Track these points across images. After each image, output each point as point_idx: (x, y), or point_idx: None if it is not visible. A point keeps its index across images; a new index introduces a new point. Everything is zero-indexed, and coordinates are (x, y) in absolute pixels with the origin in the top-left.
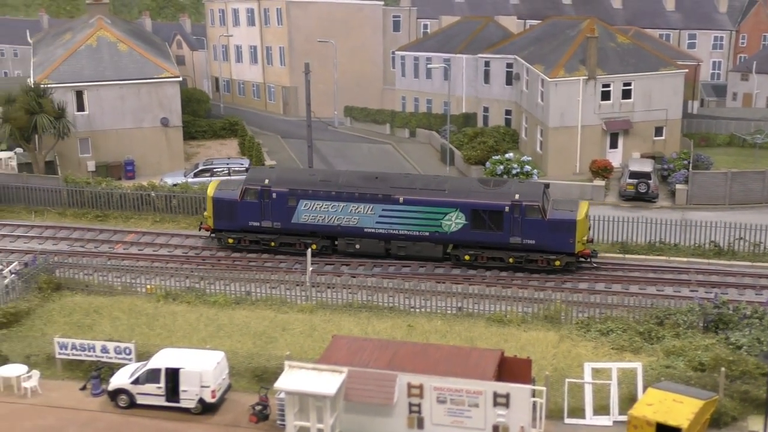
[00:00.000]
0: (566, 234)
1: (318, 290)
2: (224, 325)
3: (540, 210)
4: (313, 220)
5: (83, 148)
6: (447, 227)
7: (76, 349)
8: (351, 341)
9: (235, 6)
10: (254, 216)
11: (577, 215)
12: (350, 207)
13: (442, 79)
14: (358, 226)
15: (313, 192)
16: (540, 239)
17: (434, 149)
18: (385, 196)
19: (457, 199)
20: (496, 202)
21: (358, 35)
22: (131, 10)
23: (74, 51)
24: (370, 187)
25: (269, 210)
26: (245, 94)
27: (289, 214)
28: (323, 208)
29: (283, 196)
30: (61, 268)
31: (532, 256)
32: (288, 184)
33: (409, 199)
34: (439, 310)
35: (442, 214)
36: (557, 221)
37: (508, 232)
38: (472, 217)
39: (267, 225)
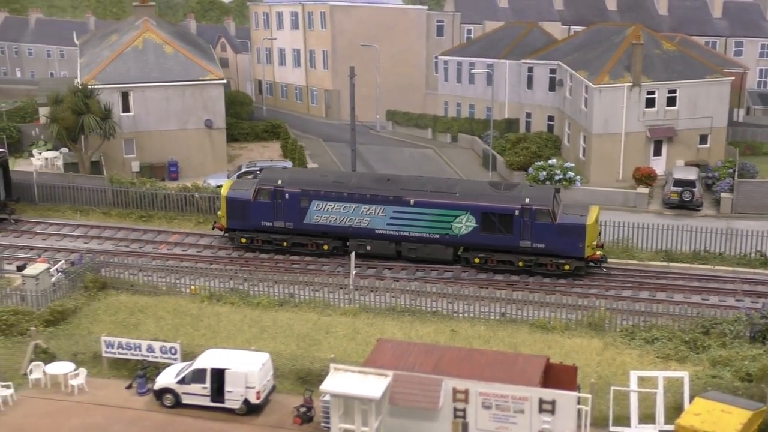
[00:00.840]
0: (576, 238)
1: (361, 293)
2: (268, 326)
3: (550, 214)
4: (325, 221)
5: (128, 148)
6: (457, 230)
7: (122, 348)
8: (396, 345)
9: (280, 9)
10: (267, 216)
11: (587, 220)
12: (362, 208)
13: (484, 85)
14: (369, 228)
15: (325, 193)
16: (550, 243)
17: (476, 154)
18: (396, 198)
19: (468, 202)
20: (507, 206)
21: (401, 39)
22: (176, 13)
23: (121, 52)
24: (381, 189)
25: (282, 210)
26: (288, 97)
27: (301, 215)
28: (335, 209)
29: (295, 196)
30: (107, 268)
31: (541, 259)
32: (300, 184)
33: (420, 201)
34: (482, 315)
35: (452, 217)
36: (567, 225)
37: (518, 235)
38: (482, 220)
39: (279, 225)
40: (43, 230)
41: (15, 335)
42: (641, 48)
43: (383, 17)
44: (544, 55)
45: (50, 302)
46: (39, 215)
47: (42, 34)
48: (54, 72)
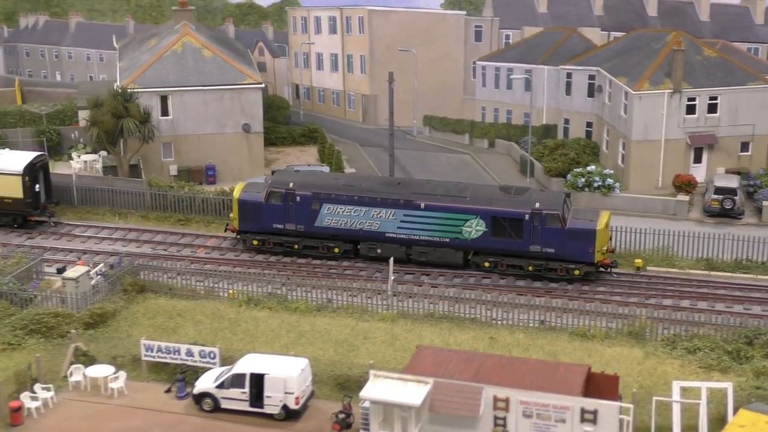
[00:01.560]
0: (586, 243)
1: (399, 299)
2: (306, 331)
3: (560, 219)
4: (336, 224)
5: (166, 152)
6: (467, 234)
7: (161, 351)
8: (436, 352)
9: (318, 14)
10: (278, 218)
11: (597, 225)
12: (372, 212)
13: (523, 90)
14: (379, 231)
15: (336, 196)
16: (559, 248)
17: (513, 160)
18: (407, 202)
19: (478, 206)
20: (516, 210)
21: (439, 44)
22: (215, 17)
23: (160, 56)
24: (391, 192)
25: (293, 213)
26: (325, 101)
27: (312, 218)
28: (345, 212)
29: (306, 199)
30: (146, 271)
31: (551, 264)
32: (311, 187)
33: (430, 205)
34: (521, 322)
35: (462, 221)
36: (577, 230)
37: (528, 240)
38: (492, 224)
39: (291, 228)
40: (82, 233)
41: (55, 337)
42: (682, 54)
43: (421, 22)
44: (582, 60)
45: (90, 305)
46: (78, 218)
47: (82, 37)
48: (93, 75)
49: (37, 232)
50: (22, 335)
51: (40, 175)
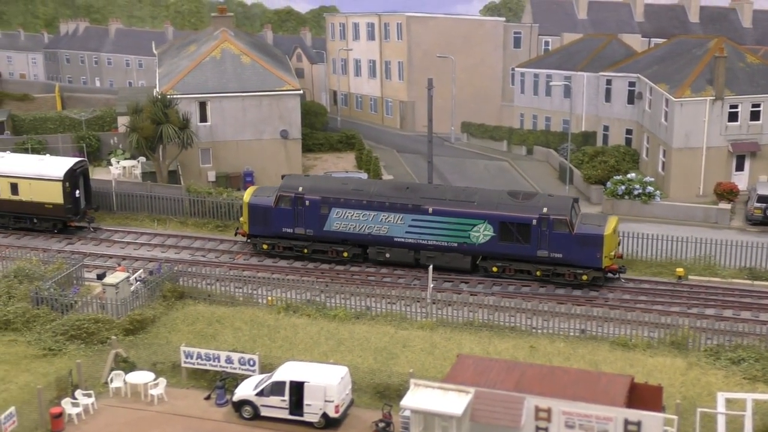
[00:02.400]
0: (593, 249)
1: (437, 307)
2: (345, 339)
3: (567, 224)
4: (345, 228)
5: (204, 158)
6: (475, 239)
7: (201, 358)
8: (477, 361)
9: (356, 20)
10: (288, 222)
11: (604, 230)
12: (380, 216)
13: (561, 97)
14: (388, 236)
15: (345, 200)
16: (567, 253)
17: (552, 167)
18: (415, 207)
19: (486, 211)
20: (524, 215)
21: (477, 51)
22: (254, 23)
23: (199, 63)
24: (400, 197)
25: (302, 217)
26: (362, 107)
27: (321, 222)
28: (354, 217)
29: (315, 203)
30: (185, 277)
31: (559, 269)
32: (320, 192)
33: (438, 209)
34: (561, 331)
35: (470, 226)
36: (584, 236)
37: (536, 245)
38: (500, 229)
39: (300, 232)
40: (121, 238)
41: (95, 343)
42: (724, 61)
43: (460, 28)
44: (623, 67)
45: (130, 311)
46: (117, 223)
47: (121, 43)
48: (132, 81)
49: (77, 238)
50: (62, 341)
51: (80, 181)
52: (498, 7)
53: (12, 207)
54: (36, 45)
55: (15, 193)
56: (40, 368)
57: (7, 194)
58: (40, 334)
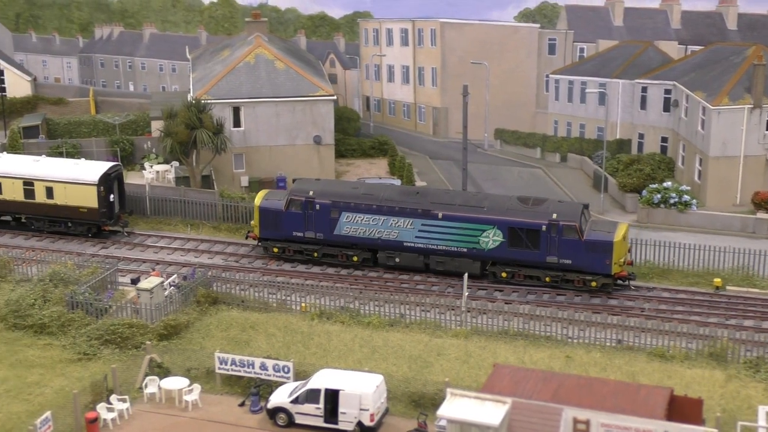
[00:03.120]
0: (603, 255)
1: (472, 315)
2: (379, 347)
3: (577, 230)
4: (355, 233)
5: (237, 163)
6: (485, 244)
7: (235, 364)
8: (514, 371)
9: (390, 26)
10: (298, 226)
11: (614, 237)
12: (390, 221)
13: (596, 104)
14: (397, 240)
15: (355, 205)
16: (576, 259)
17: (586, 175)
18: (425, 211)
19: (495, 216)
20: (534, 221)
21: (512, 57)
22: (287, 28)
23: (233, 68)
24: (409, 202)
25: (312, 221)
26: (395, 113)
27: (331, 226)
28: (364, 221)
29: (325, 207)
30: (218, 283)
31: (568, 275)
32: (331, 196)
33: (448, 215)
34: (597, 341)
35: (479, 231)
36: (594, 242)
37: (545, 251)
38: (509, 234)
39: (310, 236)
40: (154, 243)
41: (130, 348)
42: (763, 69)
43: (494, 35)
44: (659, 74)
45: (164, 316)
46: (150, 228)
47: (155, 48)
48: (165, 86)
49: (111, 242)
50: (97, 345)
51: (114, 185)
52: (533, 14)
53: (47, 211)
54: (71, 49)
55: (50, 197)
56: (75, 372)
57: (43, 198)
58: (75, 339)
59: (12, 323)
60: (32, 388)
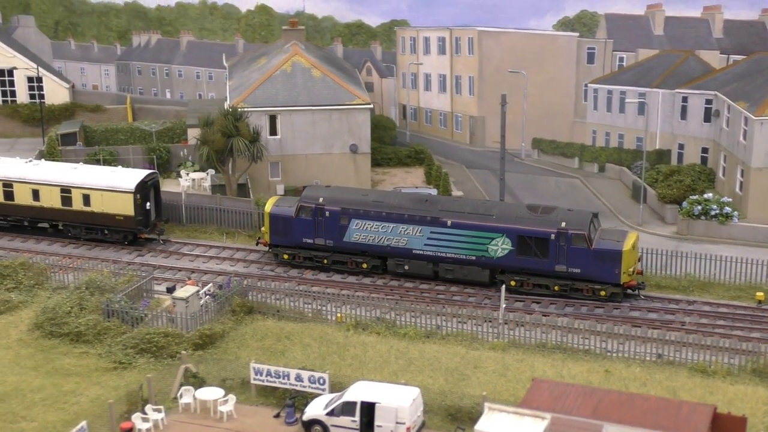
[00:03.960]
0: (612, 264)
1: (509, 328)
2: (415, 359)
3: (586, 239)
4: (364, 240)
5: (273, 171)
6: (493, 252)
7: (270, 375)
8: (553, 386)
9: (427, 34)
10: (308, 233)
11: (623, 246)
12: (399, 228)
13: (636, 114)
14: (407, 248)
15: (364, 212)
16: (585, 268)
17: (624, 185)
18: (434, 219)
19: (504, 224)
20: (542, 230)
21: (550, 66)
22: (324, 36)
23: (270, 76)
24: (419, 210)
25: (322, 228)
26: (432, 122)
27: (341, 233)
28: (373, 228)
29: (335, 214)
30: (253, 292)
31: (577, 284)
32: (340, 203)
33: (457, 222)
34: (637, 355)
35: (488, 239)
36: (603, 251)
37: (554, 259)
38: (518, 243)
39: (320, 242)
40: (190, 251)
41: (165, 357)
42: None
43: (532, 43)
44: (700, 84)
45: (199, 325)
46: (186, 236)
47: (192, 56)
48: (202, 93)
49: (147, 250)
50: (132, 354)
51: (150, 193)
52: (572, 22)
53: (84, 218)
54: (109, 57)
55: (87, 205)
56: (110, 381)
57: (80, 205)
58: (111, 347)
59: (48, 331)
60: (68, 396)
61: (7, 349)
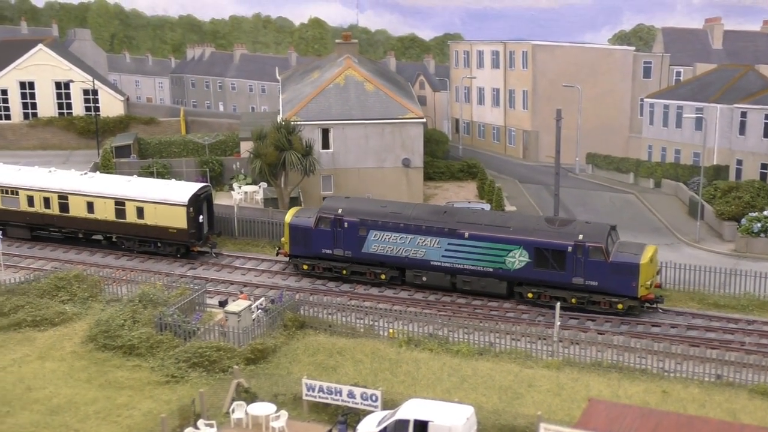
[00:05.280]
0: (629, 277)
1: (563, 346)
2: (468, 376)
3: (603, 251)
4: (382, 251)
5: (325, 185)
6: (511, 264)
7: (323, 391)
8: (610, 407)
9: (480, 48)
10: (327, 243)
11: (641, 259)
12: (417, 239)
13: (693, 129)
14: (424, 259)
15: (383, 223)
16: (602, 281)
17: (681, 201)
18: (451, 231)
19: (521, 236)
20: (560, 242)
21: (605, 81)
22: (377, 50)
23: (323, 89)
24: (436, 221)
25: (341, 238)
26: (485, 136)
27: (359, 244)
28: (392, 239)
29: (354, 225)
30: (305, 306)
31: (594, 297)
32: (359, 214)
33: (474, 234)
34: (695, 376)
35: (506, 251)
36: (620, 264)
37: (571, 272)
38: (535, 255)
39: (339, 253)
40: (242, 265)
41: (217, 372)
42: None
43: (587, 57)
44: (759, 99)
45: (251, 340)
46: (238, 249)
47: (245, 69)
48: (255, 106)
49: (199, 263)
50: (185, 368)
51: (203, 206)
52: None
53: (137, 230)
54: (163, 70)
55: (141, 217)
56: (163, 395)
57: (134, 218)
58: (164, 361)
59: (102, 343)
60: (121, 409)
61: (62, 361)
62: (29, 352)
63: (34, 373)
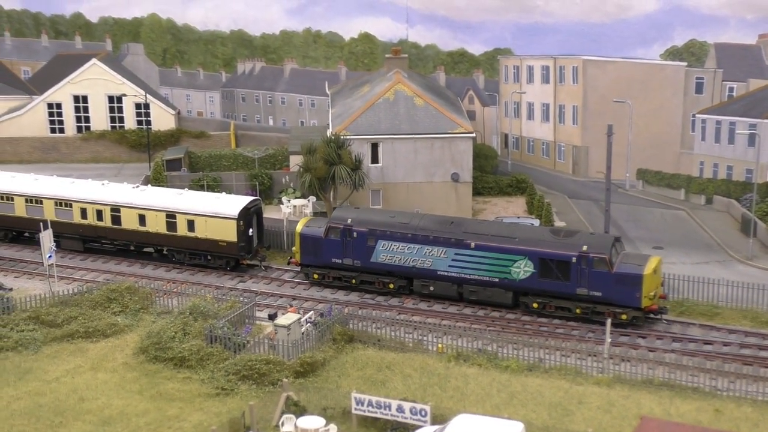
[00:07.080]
0: (633, 288)
1: (614, 362)
2: (517, 392)
3: (607, 262)
4: (390, 260)
5: (374, 199)
6: (516, 274)
7: (372, 406)
8: (662, 425)
9: (530, 63)
10: (337, 253)
11: (644, 270)
12: (425, 249)
13: (746, 145)
14: (431, 269)
15: (391, 233)
16: (606, 291)
17: (733, 218)
18: (458, 241)
19: (526, 247)
20: (564, 252)
21: (656, 96)
22: (426, 64)
23: (372, 104)
24: (443, 231)
25: (350, 248)
26: (534, 151)
27: (368, 253)
28: (400, 249)
29: (363, 235)
30: (354, 320)
31: (598, 308)
32: (368, 224)
33: (480, 244)
34: (748, 395)
35: (511, 261)
36: (624, 275)
37: (575, 282)
38: (540, 265)
39: (348, 262)
40: (291, 278)
41: (266, 385)
42: None
43: (638, 73)
44: None
45: (300, 353)
46: (287, 263)
47: (295, 83)
48: (304, 120)
49: (249, 276)
50: (234, 380)
51: (253, 220)
52: (680, 52)
53: (188, 243)
54: (214, 84)
55: (191, 230)
56: (213, 407)
57: (184, 231)
58: (214, 373)
59: (153, 355)
60: (171, 421)
61: (113, 372)
62: (82, 363)
63: (86, 384)
